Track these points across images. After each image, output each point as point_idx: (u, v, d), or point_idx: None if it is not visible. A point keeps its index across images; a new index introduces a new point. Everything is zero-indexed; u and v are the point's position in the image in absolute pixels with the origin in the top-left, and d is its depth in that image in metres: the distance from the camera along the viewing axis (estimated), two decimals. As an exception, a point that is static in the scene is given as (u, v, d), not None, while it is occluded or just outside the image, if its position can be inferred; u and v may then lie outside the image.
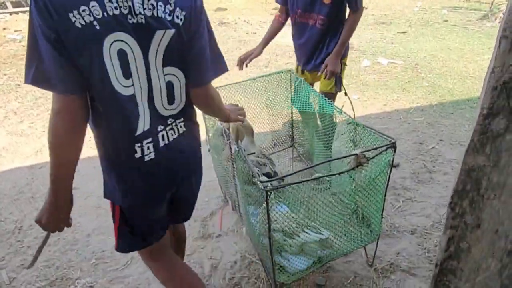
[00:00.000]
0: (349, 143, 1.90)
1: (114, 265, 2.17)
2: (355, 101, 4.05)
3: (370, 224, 1.87)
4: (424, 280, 1.95)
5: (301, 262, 1.68)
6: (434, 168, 2.85)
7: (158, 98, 1.05)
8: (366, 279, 1.97)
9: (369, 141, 1.69)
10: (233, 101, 2.53)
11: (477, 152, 0.77)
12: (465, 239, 0.83)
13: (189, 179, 1.33)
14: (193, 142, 1.25)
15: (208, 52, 1.08)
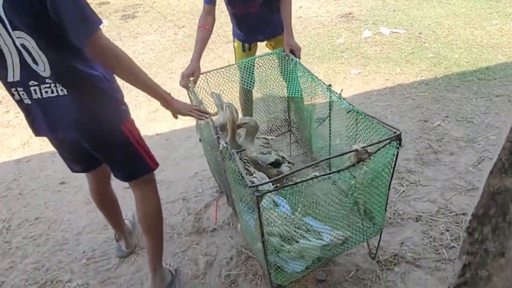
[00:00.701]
0: (349, 132, 1.74)
1: (106, 264, 2.08)
2: (356, 76, 3.84)
3: (372, 217, 1.75)
4: (430, 272, 1.85)
5: (299, 264, 1.58)
6: (439, 148, 2.70)
7: (24, 57, 1.23)
8: (369, 272, 1.88)
9: (371, 132, 1.53)
10: (224, 88, 2.36)
11: (505, 173, 0.62)
12: (485, 267, 0.70)
13: (77, 137, 1.46)
14: (80, 110, 1.36)
15: (73, 12, 1.17)
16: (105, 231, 2.30)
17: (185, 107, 1.58)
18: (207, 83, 2.26)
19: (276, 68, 2.31)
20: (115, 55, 1.28)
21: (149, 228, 1.75)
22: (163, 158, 2.93)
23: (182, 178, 2.68)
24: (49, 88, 1.30)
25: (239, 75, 2.32)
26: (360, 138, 1.68)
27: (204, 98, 2.24)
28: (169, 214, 2.38)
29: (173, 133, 3.23)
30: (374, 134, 1.55)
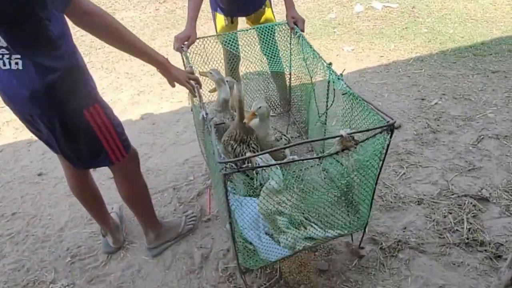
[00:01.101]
0: (345, 117, 1.61)
1: (93, 262, 1.94)
2: (349, 53, 3.69)
3: (357, 211, 1.65)
4: (435, 257, 1.79)
5: (278, 252, 1.48)
6: (438, 127, 2.62)
7: None
8: (372, 260, 1.81)
9: (366, 118, 1.39)
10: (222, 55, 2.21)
11: None
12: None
13: (34, 115, 1.33)
14: (32, 84, 1.22)
15: None
16: (90, 226, 2.14)
17: (183, 75, 1.49)
18: (204, 48, 2.08)
19: (280, 41, 2.17)
20: (100, 18, 1.18)
21: (135, 211, 1.82)
22: (150, 144, 2.75)
23: (171, 166, 2.52)
24: (3, 59, 1.19)
25: (223, 49, 2.21)
26: (355, 124, 1.54)
27: (200, 65, 2.07)
28: (159, 205, 2.23)
29: (159, 117, 3.04)
30: (369, 121, 1.41)
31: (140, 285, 1.81)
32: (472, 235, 1.86)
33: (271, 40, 2.08)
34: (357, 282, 1.71)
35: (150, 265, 1.90)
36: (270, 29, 2.05)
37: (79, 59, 1.32)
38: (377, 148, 1.29)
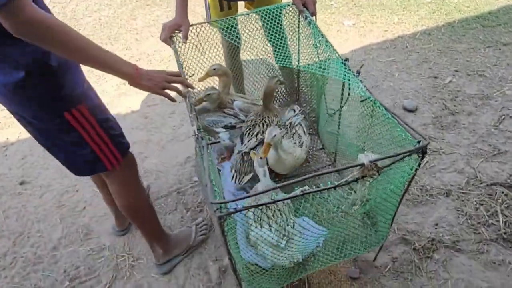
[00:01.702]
0: (362, 123, 1.37)
1: (95, 284, 1.72)
2: (350, 28, 3.42)
3: (375, 224, 1.47)
4: (473, 256, 1.66)
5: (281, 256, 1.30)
6: (455, 108, 2.45)
7: None
8: (407, 263, 1.66)
9: (388, 130, 1.16)
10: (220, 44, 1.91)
11: None
12: None
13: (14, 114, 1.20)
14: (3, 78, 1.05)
15: None
16: (88, 241, 1.91)
17: (157, 82, 1.22)
18: (198, 37, 1.79)
19: (287, 26, 1.87)
20: (45, 29, 0.91)
21: (137, 224, 1.62)
22: (144, 141, 2.47)
23: (171, 166, 2.27)
24: None
25: (221, 37, 1.91)
26: (374, 133, 1.31)
27: (195, 56, 1.78)
28: (163, 212, 2.01)
29: (151, 109, 2.74)
30: (392, 134, 1.18)
31: (153, 308, 1.62)
32: (510, 228, 1.73)
33: (277, 26, 1.78)
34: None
35: (161, 284, 1.70)
36: (276, 12, 1.75)
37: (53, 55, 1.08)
38: (404, 174, 1.07)
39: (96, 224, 1.99)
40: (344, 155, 1.79)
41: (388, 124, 1.14)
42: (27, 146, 2.49)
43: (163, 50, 3.37)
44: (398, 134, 1.09)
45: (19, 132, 2.62)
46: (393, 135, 1.14)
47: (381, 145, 1.29)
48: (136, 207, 1.55)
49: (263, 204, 0.93)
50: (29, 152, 2.46)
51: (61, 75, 1.13)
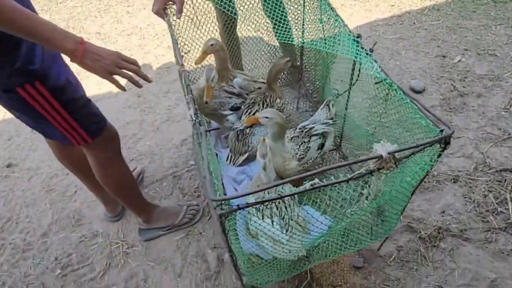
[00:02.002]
0: (374, 108, 1.25)
1: (88, 272, 1.66)
2: (355, 2, 3.24)
3: (384, 217, 1.38)
4: (481, 245, 1.60)
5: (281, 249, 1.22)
6: (464, 89, 2.34)
7: None
8: (412, 252, 1.61)
9: (404, 113, 1.05)
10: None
11: None
12: None
13: None
14: None
15: None
16: (79, 227, 1.82)
17: (104, 65, 1.04)
18: (193, 10, 1.63)
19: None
20: None
21: (116, 197, 1.58)
22: (138, 122, 2.35)
23: (167, 148, 2.16)
24: None
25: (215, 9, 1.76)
26: (388, 119, 1.20)
27: (189, 32, 1.64)
28: (158, 197, 1.92)
29: (145, 88, 2.60)
30: (410, 120, 1.07)
31: (149, 297, 1.56)
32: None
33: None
34: (399, 280, 1.52)
35: (157, 272, 1.63)
36: None
37: None
38: (422, 166, 0.97)
39: (88, 209, 1.90)
40: (350, 138, 1.69)
41: (405, 110, 1.03)
42: (13, 127, 2.36)
43: (157, 24, 3.18)
44: (417, 121, 0.98)
45: (4, 112, 2.48)
46: (411, 121, 1.03)
47: (394, 132, 1.19)
48: (115, 184, 1.51)
49: (269, 200, 0.83)
50: (15, 133, 2.33)
51: (13, 49, 1.04)
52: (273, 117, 1.32)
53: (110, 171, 1.47)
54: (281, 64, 1.64)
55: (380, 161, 0.85)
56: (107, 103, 2.52)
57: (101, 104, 2.52)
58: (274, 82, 1.65)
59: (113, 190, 1.53)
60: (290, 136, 1.52)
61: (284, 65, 1.65)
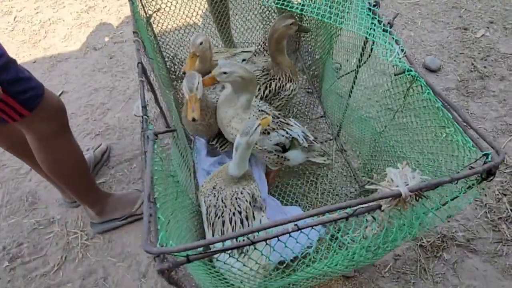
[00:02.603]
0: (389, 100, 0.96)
1: (41, 266, 1.45)
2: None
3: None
4: (489, 258, 1.41)
5: None
6: (486, 70, 2.03)
7: None
8: (411, 262, 1.41)
9: (428, 113, 0.77)
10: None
11: None
12: None
13: None
14: None
15: None
16: (33, 212, 1.59)
17: None
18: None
19: None
20: None
21: (62, 184, 1.32)
22: (108, 88, 2.04)
23: (139, 122, 1.87)
24: None
25: None
26: (405, 118, 0.91)
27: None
28: (126, 181, 1.67)
29: (119, 48, 2.25)
30: (436, 126, 0.79)
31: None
32: (536, 228, 1.46)
33: None
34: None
35: (119, 270, 1.43)
36: None
37: None
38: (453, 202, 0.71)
39: (45, 190, 1.66)
40: (350, 130, 1.42)
41: (433, 114, 0.75)
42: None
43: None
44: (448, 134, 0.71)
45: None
46: (438, 130, 0.76)
47: (409, 137, 0.92)
48: (58, 167, 1.24)
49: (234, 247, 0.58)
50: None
51: None
52: (233, 71, 1.06)
53: (54, 153, 1.20)
54: (280, 28, 1.27)
55: (397, 200, 0.60)
56: (74, 63, 2.18)
57: (67, 65, 2.19)
58: (278, 53, 1.31)
59: (58, 176, 1.26)
60: (261, 107, 1.25)
61: (287, 28, 1.27)
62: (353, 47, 1.20)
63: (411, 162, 0.93)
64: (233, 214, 1.12)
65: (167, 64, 1.65)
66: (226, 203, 1.15)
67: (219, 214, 1.13)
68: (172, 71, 1.72)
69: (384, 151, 1.12)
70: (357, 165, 1.56)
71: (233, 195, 1.16)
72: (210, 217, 1.16)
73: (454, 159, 0.74)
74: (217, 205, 1.16)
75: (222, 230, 1.11)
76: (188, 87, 1.09)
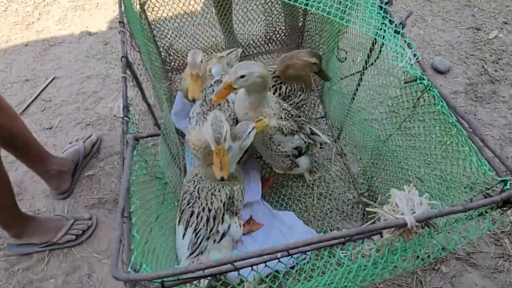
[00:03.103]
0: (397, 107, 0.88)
1: (24, 260, 1.40)
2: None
3: None
4: (488, 274, 1.35)
5: None
6: (497, 73, 1.95)
7: None
8: (407, 274, 1.36)
9: (440, 130, 0.70)
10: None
11: None
12: None
13: None
14: None
15: None
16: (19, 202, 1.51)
17: None
18: None
19: None
20: None
21: None
22: (102, 76, 1.95)
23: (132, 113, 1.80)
24: None
25: None
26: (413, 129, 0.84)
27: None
28: (115, 175, 1.61)
29: (114, 33, 2.16)
30: (447, 143, 0.72)
31: (91, 299, 1.31)
32: (540, 244, 1.40)
33: None
34: (387, 308, 1.28)
35: (104, 268, 1.38)
36: None
37: None
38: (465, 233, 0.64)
39: (31, 181, 1.59)
40: (352, 135, 1.34)
41: (445, 130, 0.68)
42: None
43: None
44: (462, 153, 0.64)
45: None
46: (449, 147, 0.69)
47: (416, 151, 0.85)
48: None
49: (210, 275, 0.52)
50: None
51: None
52: (253, 72, 0.97)
53: None
54: (301, 61, 1.17)
55: (402, 230, 0.53)
56: (67, 48, 2.09)
57: (60, 50, 2.11)
58: (289, 80, 1.23)
59: None
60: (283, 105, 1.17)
61: (306, 65, 1.18)
62: (359, 45, 1.12)
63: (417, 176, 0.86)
64: (202, 209, 1.07)
65: (162, 54, 1.57)
66: (201, 195, 1.09)
67: (191, 204, 1.08)
68: (167, 62, 1.63)
69: (387, 160, 1.05)
70: (357, 170, 1.49)
71: (210, 189, 1.09)
72: (182, 203, 1.11)
73: (465, 179, 0.67)
74: (192, 194, 1.10)
75: (189, 221, 1.05)
76: (215, 138, 0.92)
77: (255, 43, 1.72)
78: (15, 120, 1.29)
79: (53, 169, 1.46)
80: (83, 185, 1.58)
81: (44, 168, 1.43)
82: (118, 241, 0.54)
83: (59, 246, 1.40)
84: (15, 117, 1.29)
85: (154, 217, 0.86)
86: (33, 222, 1.36)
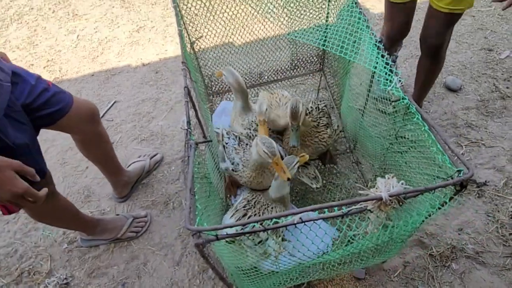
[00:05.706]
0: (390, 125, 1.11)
1: (93, 250, 1.70)
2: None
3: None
4: (497, 271, 1.48)
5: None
6: (508, 90, 2.09)
7: None
8: (420, 269, 1.52)
9: (419, 142, 0.92)
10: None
11: None
12: None
13: None
14: None
15: None
16: (88, 204, 1.87)
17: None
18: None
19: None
20: None
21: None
22: (153, 100, 2.32)
23: (178, 130, 2.12)
24: None
25: None
26: (403, 138, 1.06)
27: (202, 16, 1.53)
28: (165, 181, 1.91)
29: (163, 63, 2.54)
30: (425, 146, 0.93)
31: (146, 282, 1.59)
32: (547, 246, 1.52)
33: None
34: (400, 298, 1.45)
35: (157, 258, 1.66)
36: None
37: None
38: (430, 208, 0.85)
39: (97, 186, 1.93)
40: (365, 146, 1.57)
41: (422, 137, 0.90)
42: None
43: None
44: (432, 155, 0.86)
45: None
46: (427, 150, 0.91)
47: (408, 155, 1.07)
48: (53, 218, 1.44)
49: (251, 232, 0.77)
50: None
51: None
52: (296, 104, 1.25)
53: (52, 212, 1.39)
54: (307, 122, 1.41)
55: (380, 203, 0.76)
56: (125, 77, 2.49)
57: (119, 78, 2.51)
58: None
59: (51, 224, 1.49)
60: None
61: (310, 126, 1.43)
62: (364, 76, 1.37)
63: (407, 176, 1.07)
64: (253, 214, 1.31)
65: (205, 81, 1.89)
66: (256, 206, 1.34)
67: (246, 208, 1.32)
68: (209, 87, 1.95)
69: (391, 165, 1.27)
70: (371, 176, 1.70)
71: (264, 204, 1.34)
72: (239, 203, 1.34)
73: (431, 171, 0.88)
74: (249, 202, 1.34)
75: (240, 218, 1.29)
76: (270, 151, 1.16)
77: (281, 69, 2.00)
78: (109, 143, 1.62)
79: (123, 180, 1.79)
80: (139, 190, 1.90)
81: (116, 178, 1.75)
82: (188, 208, 0.80)
83: (122, 240, 1.71)
84: (108, 141, 1.62)
85: (204, 203, 1.13)
86: (101, 223, 1.67)
